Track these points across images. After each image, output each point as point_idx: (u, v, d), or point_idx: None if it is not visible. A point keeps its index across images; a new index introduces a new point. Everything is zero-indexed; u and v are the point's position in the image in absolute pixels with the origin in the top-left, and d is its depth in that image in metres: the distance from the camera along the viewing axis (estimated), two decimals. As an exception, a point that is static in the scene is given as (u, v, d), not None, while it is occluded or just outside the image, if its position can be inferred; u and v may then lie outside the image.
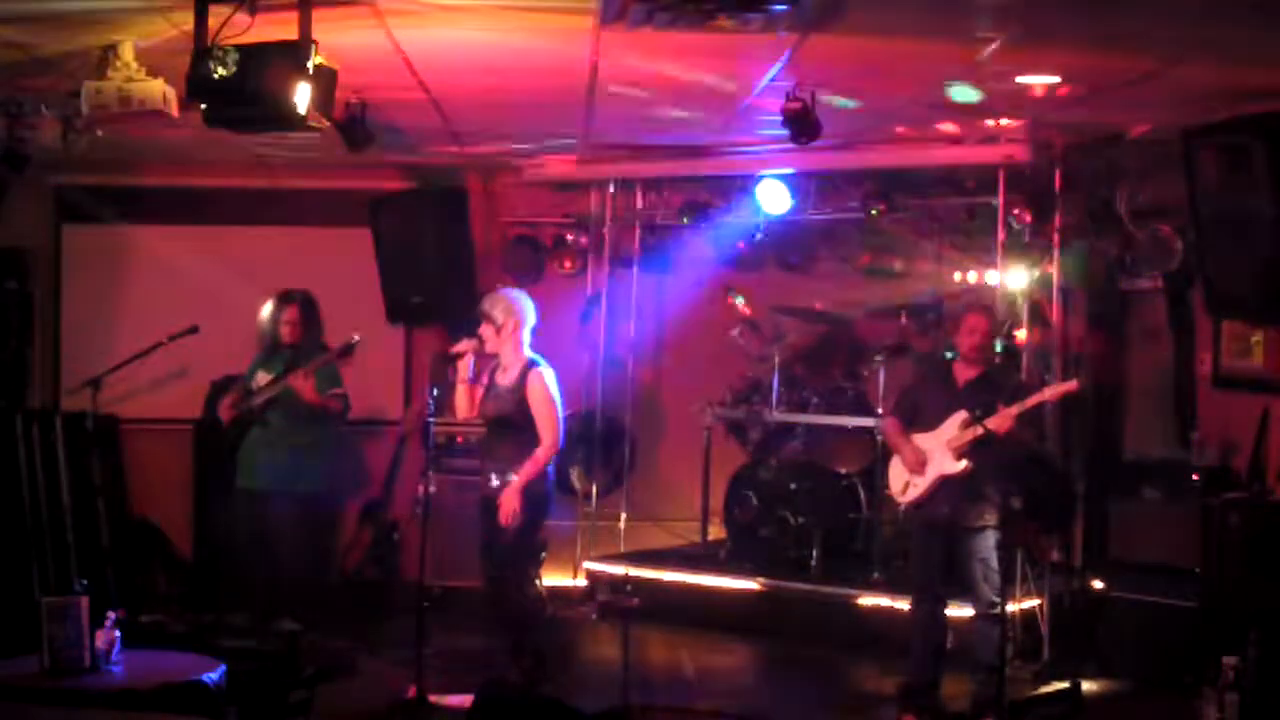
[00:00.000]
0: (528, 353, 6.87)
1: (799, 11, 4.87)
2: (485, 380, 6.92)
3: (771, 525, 8.55)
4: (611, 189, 9.30)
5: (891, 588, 7.85)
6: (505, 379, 6.86)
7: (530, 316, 6.89)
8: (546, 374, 6.82)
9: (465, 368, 6.86)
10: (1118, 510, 7.57)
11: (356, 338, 7.92)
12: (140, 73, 5.42)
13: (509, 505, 6.68)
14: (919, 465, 6.67)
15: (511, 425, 6.80)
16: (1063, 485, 7.96)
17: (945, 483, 6.64)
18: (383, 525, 9.12)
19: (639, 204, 9.51)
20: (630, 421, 9.55)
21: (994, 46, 5.49)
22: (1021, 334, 7.96)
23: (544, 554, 8.77)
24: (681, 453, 9.64)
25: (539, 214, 9.73)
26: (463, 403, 6.94)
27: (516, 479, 6.69)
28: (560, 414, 6.82)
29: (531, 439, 6.75)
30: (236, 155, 8.57)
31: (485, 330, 6.83)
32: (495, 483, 6.78)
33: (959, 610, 6.90)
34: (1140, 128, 7.35)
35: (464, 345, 6.89)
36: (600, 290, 9.38)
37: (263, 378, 8.04)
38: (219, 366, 8.52)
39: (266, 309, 7.95)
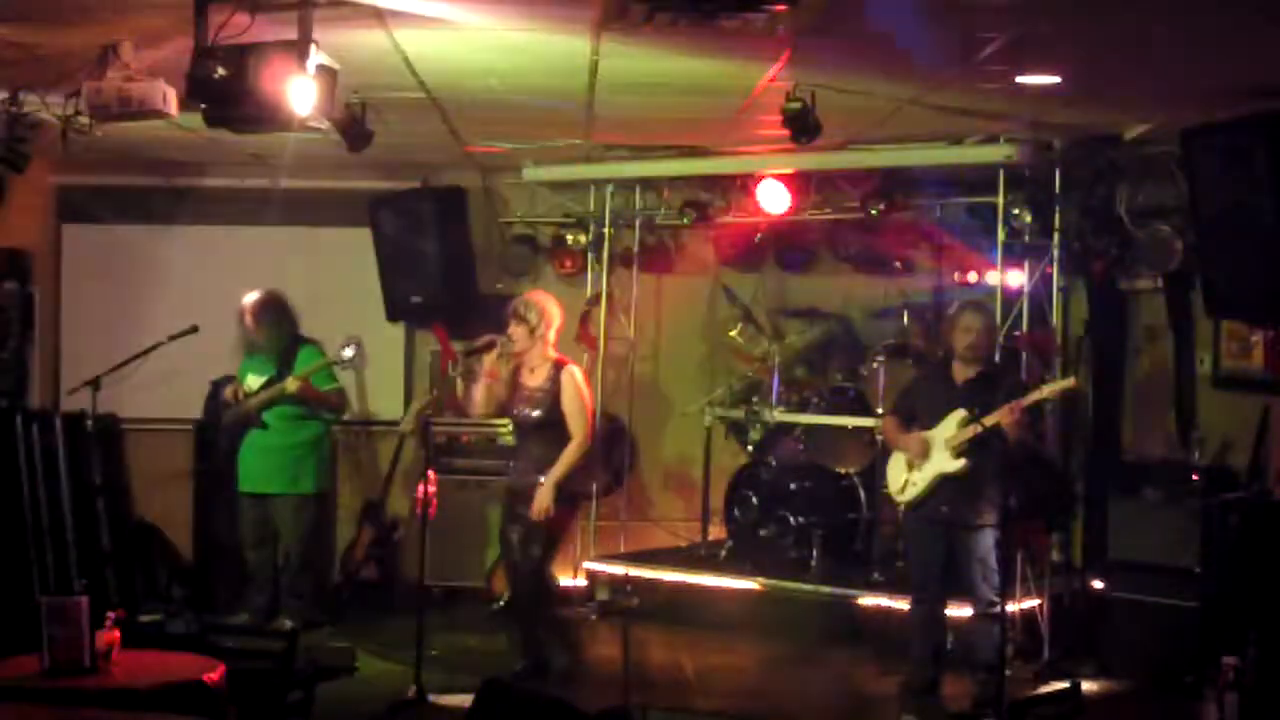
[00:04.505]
0: (554, 353, 6.96)
1: (799, 11, 4.88)
2: (501, 379, 6.96)
3: (771, 525, 8.53)
4: (611, 189, 9.28)
5: (891, 588, 7.84)
6: (533, 379, 6.93)
7: (558, 319, 7.00)
8: (578, 373, 6.96)
9: (491, 361, 6.90)
10: (1118, 510, 7.56)
11: (351, 351, 7.90)
12: (140, 73, 5.43)
13: (544, 501, 6.77)
14: (923, 451, 6.66)
15: (545, 424, 6.88)
16: (1063, 485, 7.95)
17: (944, 481, 6.64)
18: (383, 525, 9.12)
19: (639, 204, 9.50)
20: (630, 422, 9.54)
21: (994, 46, 5.49)
22: (1021, 334, 7.95)
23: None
24: (681, 453, 9.65)
25: (539, 214, 9.73)
26: (481, 398, 6.97)
27: (551, 476, 6.79)
28: (589, 412, 6.93)
29: (563, 437, 6.84)
30: (236, 155, 8.57)
31: (517, 330, 6.89)
32: (532, 479, 6.85)
33: (959, 610, 6.90)
34: (1140, 128, 7.34)
35: (489, 340, 6.94)
36: (600, 290, 9.37)
37: (254, 381, 8.06)
38: (219, 366, 8.52)
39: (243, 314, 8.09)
